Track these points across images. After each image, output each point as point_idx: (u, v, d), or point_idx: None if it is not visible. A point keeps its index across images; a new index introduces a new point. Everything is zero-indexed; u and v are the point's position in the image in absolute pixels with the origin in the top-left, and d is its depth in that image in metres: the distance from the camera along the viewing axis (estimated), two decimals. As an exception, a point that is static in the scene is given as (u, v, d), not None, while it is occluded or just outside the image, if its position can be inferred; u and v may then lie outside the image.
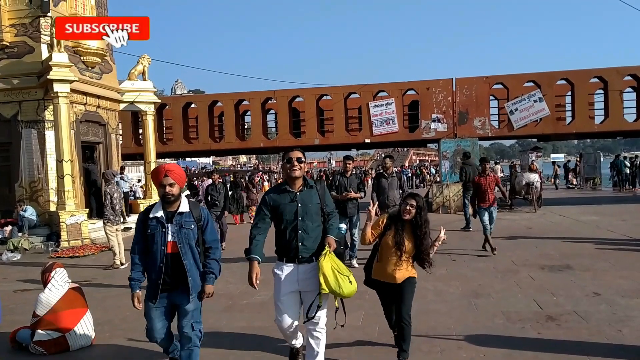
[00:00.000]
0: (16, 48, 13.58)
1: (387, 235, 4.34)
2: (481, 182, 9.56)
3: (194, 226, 3.80)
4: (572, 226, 12.87)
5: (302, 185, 3.91)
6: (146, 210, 3.87)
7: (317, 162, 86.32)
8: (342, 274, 3.74)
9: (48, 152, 13.60)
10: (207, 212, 3.95)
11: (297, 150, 3.92)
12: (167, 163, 4.18)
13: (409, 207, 4.27)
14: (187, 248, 3.74)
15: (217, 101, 21.16)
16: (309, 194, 3.91)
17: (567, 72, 19.03)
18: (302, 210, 3.83)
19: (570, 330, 5.14)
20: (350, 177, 8.75)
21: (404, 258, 4.31)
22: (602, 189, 26.92)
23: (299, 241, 3.81)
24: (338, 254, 3.92)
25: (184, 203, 3.84)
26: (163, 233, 3.72)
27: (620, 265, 8.08)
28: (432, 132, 18.98)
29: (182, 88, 74.13)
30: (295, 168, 3.82)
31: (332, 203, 4.08)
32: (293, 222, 3.83)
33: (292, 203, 3.84)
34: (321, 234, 3.91)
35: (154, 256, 3.73)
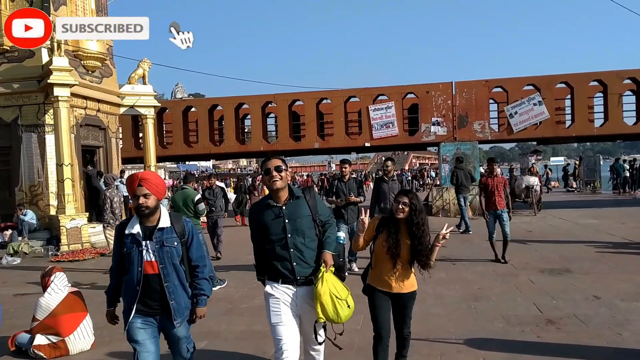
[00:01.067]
0: (16, 52, 13.61)
1: (380, 239, 3.88)
2: (488, 183, 8.99)
3: (177, 243, 3.35)
4: (572, 229, 12.87)
5: (288, 197, 3.47)
6: (121, 225, 3.43)
7: (317, 166, 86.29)
8: (339, 299, 3.39)
9: (48, 156, 13.62)
10: (191, 226, 3.48)
11: (275, 158, 3.45)
12: (143, 171, 3.69)
13: (402, 206, 3.79)
14: (171, 268, 3.30)
15: (217, 105, 21.18)
16: (297, 206, 3.45)
17: (566, 76, 19.05)
18: (291, 227, 3.39)
19: (570, 334, 5.14)
20: (349, 182, 8.37)
21: (400, 264, 3.85)
22: (601, 192, 26.92)
23: (292, 261, 3.38)
24: (337, 268, 3.61)
25: (164, 217, 3.37)
26: (139, 252, 3.27)
27: (620, 268, 8.08)
28: (432, 135, 18.99)
29: (182, 92, 74.29)
30: (275, 179, 3.36)
31: (326, 211, 3.62)
32: (282, 241, 3.39)
33: (278, 219, 3.40)
34: (317, 249, 3.51)
35: (130, 278, 3.29)
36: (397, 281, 3.86)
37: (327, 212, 3.64)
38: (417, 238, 3.79)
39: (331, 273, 3.43)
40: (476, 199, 17.19)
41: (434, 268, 3.99)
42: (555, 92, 19.05)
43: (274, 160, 3.43)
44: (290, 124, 20.16)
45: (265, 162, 3.46)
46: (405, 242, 3.81)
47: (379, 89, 19.96)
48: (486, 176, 9.21)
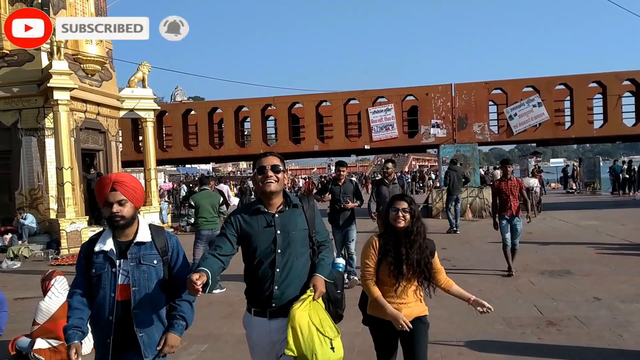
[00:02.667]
0: (16, 56, 13.62)
1: (384, 261, 3.24)
2: (502, 187, 8.15)
3: (157, 261, 2.72)
4: (572, 231, 12.87)
5: (283, 203, 2.84)
6: (90, 242, 2.79)
7: (316, 168, 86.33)
8: (323, 335, 2.61)
9: (48, 160, 13.62)
10: (175, 241, 2.85)
11: (272, 155, 2.87)
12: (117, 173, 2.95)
13: (401, 213, 3.20)
14: (145, 292, 2.67)
15: (217, 108, 21.21)
16: (292, 215, 2.83)
17: (565, 77, 19.10)
18: (282, 239, 2.75)
19: (571, 336, 5.14)
20: (345, 185, 7.83)
21: (408, 285, 3.22)
22: (601, 194, 26.93)
23: (273, 284, 2.72)
24: (333, 301, 2.89)
25: (143, 229, 2.75)
26: (112, 274, 2.65)
27: (621, 270, 8.08)
28: (432, 137, 19.01)
29: (182, 95, 74.29)
30: (270, 180, 2.76)
31: (324, 229, 2.98)
32: (270, 257, 2.74)
33: (269, 229, 2.77)
34: (308, 274, 2.83)
35: (101, 306, 2.64)
36: (408, 307, 3.22)
37: (326, 232, 3.00)
38: (419, 248, 3.22)
39: (321, 305, 2.72)
40: (476, 200, 17.27)
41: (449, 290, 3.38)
42: (555, 93, 19.08)
43: (270, 157, 2.85)
44: (289, 127, 20.19)
45: (260, 158, 2.85)
46: (409, 257, 3.23)
47: (379, 91, 20.00)
48: (499, 180, 8.45)
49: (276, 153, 2.95)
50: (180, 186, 29.65)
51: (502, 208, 8.11)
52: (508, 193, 8.06)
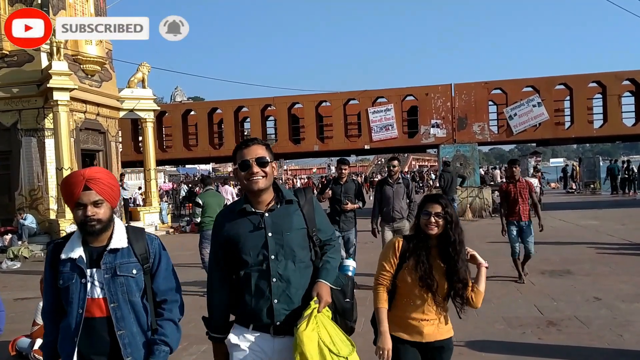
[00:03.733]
0: (16, 57, 13.62)
1: (405, 267, 2.76)
2: (510, 189, 7.55)
3: (137, 271, 2.30)
4: (572, 231, 12.86)
5: (274, 199, 2.40)
6: (56, 247, 2.37)
7: (316, 169, 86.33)
8: (337, 355, 2.20)
9: (48, 160, 13.62)
10: (158, 245, 2.42)
11: (255, 144, 2.38)
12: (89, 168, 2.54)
13: (434, 218, 2.71)
14: (127, 308, 2.26)
15: (217, 108, 21.22)
16: (285, 213, 2.37)
17: (565, 77, 19.11)
18: (275, 243, 2.31)
19: (571, 335, 5.13)
20: (346, 184, 7.34)
21: (435, 300, 2.75)
22: (601, 193, 26.93)
23: (273, 297, 2.29)
24: (341, 312, 2.43)
25: (119, 233, 2.33)
26: (82, 286, 2.23)
27: (621, 269, 8.08)
28: (432, 137, 19.02)
29: (182, 95, 74.25)
30: (255, 176, 2.31)
31: (328, 225, 2.55)
32: (261, 265, 2.31)
33: (257, 232, 2.32)
34: (310, 279, 2.40)
35: (67, 324, 2.23)
36: (431, 325, 2.76)
37: (330, 228, 2.56)
38: (453, 260, 2.72)
39: (327, 316, 2.30)
40: (476, 200, 17.27)
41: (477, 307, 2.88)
42: (555, 93, 19.10)
43: (253, 147, 2.36)
44: (289, 127, 20.20)
45: (241, 150, 2.37)
46: (440, 267, 2.75)
47: (378, 91, 20.01)
48: (507, 182, 7.84)
49: (260, 140, 2.46)
50: (180, 186, 29.64)
51: (510, 212, 7.55)
52: (517, 196, 7.48)
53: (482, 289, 2.79)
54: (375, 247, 9.24)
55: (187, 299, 2.40)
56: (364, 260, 9.07)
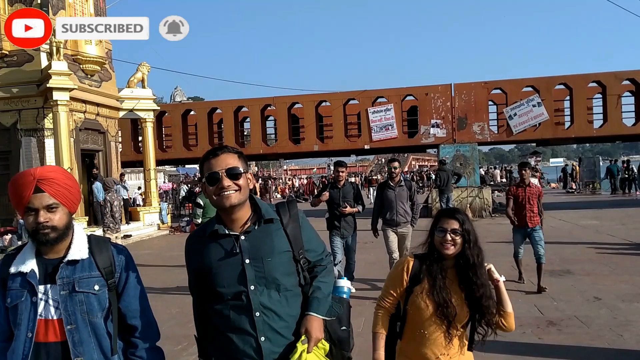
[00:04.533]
0: (15, 57, 13.62)
1: (418, 292, 2.41)
2: (518, 194, 7.20)
3: (99, 286, 1.96)
4: (572, 230, 12.86)
5: (251, 218, 2.03)
6: (6, 260, 2.00)
7: (316, 168, 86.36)
8: None
9: (48, 160, 13.61)
10: (125, 256, 2.07)
11: (225, 153, 2.00)
12: (42, 166, 2.09)
13: (450, 235, 2.38)
14: (86, 331, 1.91)
15: (216, 108, 21.22)
16: (266, 234, 2.01)
17: (565, 77, 19.10)
18: (255, 272, 1.95)
19: (571, 335, 5.13)
20: (344, 188, 7.03)
21: (454, 331, 2.39)
22: (601, 193, 26.94)
23: (259, 334, 1.93)
24: (337, 342, 2.08)
25: (78, 242, 1.99)
26: (32, 305, 1.89)
27: (621, 269, 8.08)
28: (431, 137, 19.02)
29: (182, 95, 74.16)
30: (226, 191, 1.95)
31: (318, 243, 2.16)
32: (239, 298, 1.95)
33: (232, 259, 1.96)
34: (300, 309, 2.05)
35: (14, 349, 1.89)
36: (445, 357, 2.40)
37: (320, 245, 2.17)
38: (475, 285, 2.36)
39: (320, 354, 1.98)
40: (476, 200, 17.27)
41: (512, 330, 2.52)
42: (554, 93, 19.10)
43: (223, 156, 1.99)
44: (289, 127, 20.19)
45: (208, 160, 2.00)
46: (458, 292, 2.40)
47: (378, 91, 20.01)
48: (516, 185, 7.45)
49: (231, 147, 2.06)
50: (180, 186, 29.63)
51: (517, 218, 7.24)
52: (525, 202, 7.12)
53: (509, 309, 2.43)
54: (375, 247, 9.22)
55: (187, 299, 2.36)
56: (364, 260, 9.09)
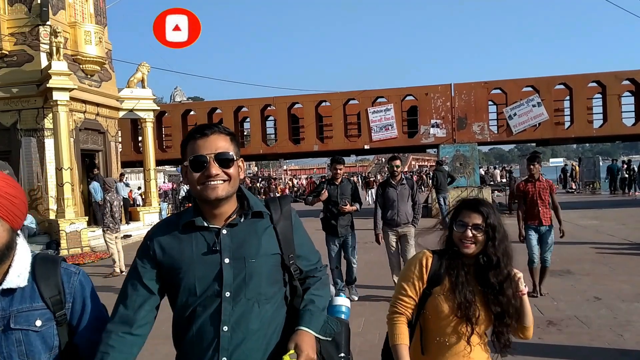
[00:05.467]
0: (15, 57, 13.62)
1: (438, 293, 2.11)
2: (528, 189, 6.73)
3: (43, 321, 1.57)
4: (572, 230, 12.84)
5: (237, 210, 1.73)
6: None
7: (316, 169, 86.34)
8: None
9: (47, 160, 13.61)
10: (81, 281, 1.66)
11: (216, 133, 1.68)
12: None
13: (471, 232, 2.08)
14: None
15: (216, 108, 21.22)
16: (252, 231, 1.70)
17: (565, 77, 19.10)
18: (234, 273, 1.63)
19: (571, 335, 5.13)
20: (342, 185, 6.83)
21: (476, 337, 2.12)
22: (601, 193, 26.93)
23: (221, 353, 1.60)
24: None
25: (19, 265, 1.58)
26: None
27: (621, 269, 8.07)
28: (431, 137, 19.02)
29: (182, 95, 74.17)
30: (214, 180, 1.64)
31: (312, 250, 1.86)
32: (209, 304, 1.63)
33: (210, 256, 1.64)
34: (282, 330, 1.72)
35: None
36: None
37: (314, 254, 1.87)
38: (499, 287, 2.10)
39: None
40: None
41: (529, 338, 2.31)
42: (554, 93, 19.10)
43: (213, 137, 1.66)
44: (289, 127, 20.19)
45: (194, 139, 1.67)
46: (479, 292, 2.12)
47: (378, 91, 20.01)
48: (525, 181, 6.98)
49: (223, 127, 1.73)
50: (180, 186, 29.63)
51: (529, 215, 6.74)
52: (536, 197, 6.67)
53: (529, 323, 2.24)
54: (375, 247, 9.22)
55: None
56: (364, 260, 9.08)
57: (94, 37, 14.66)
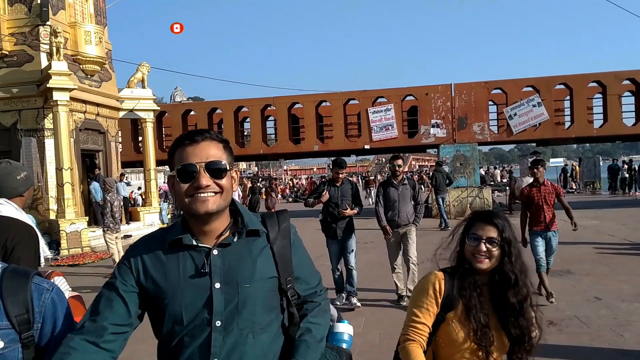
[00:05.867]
0: (15, 57, 13.62)
1: (452, 319, 1.95)
2: (533, 194, 6.46)
3: (6, 342, 1.38)
4: (572, 231, 12.84)
5: (230, 227, 1.57)
6: None
7: (316, 168, 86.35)
8: None
9: (48, 161, 13.61)
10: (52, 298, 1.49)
11: (208, 139, 1.55)
12: None
13: (485, 246, 1.94)
14: None
15: (216, 108, 21.23)
16: (247, 252, 1.54)
17: (565, 77, 19.10)
18: (226, 299, 1.47)
19: (572, 335, 5.13)
20: (343, 187, 6.61)
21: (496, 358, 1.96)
22: (601, 193, 26.92)
23: None
24: None
25: None
26: None
27: (621, 269, 8.08)
28: (431, 137, 19.02)
29: (182, 95, 74.19)
30: (204, 192, 1.48)
31: (310, 270, 1.69)
32: (197, 334, 1.46)
33: (198, 280, 1.48)
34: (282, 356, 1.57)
35: None
36: None
37: (314, 276, 1.69)
38: (515, 309, 1.95)
39: None
40: (476, 200, 17.26)
41: None
42: (555, 93, 19.10)
43: (204, 145, 1.52)
44: (289, 127, 20.20)
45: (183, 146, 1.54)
46: (493, 315, 1.97)
47: (378, 91, 20.01)
48: (530, 185, 6.66)
49: (214, 133, 1.59)
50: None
51: (534, 221, 6.50)
52: (541, 202, 6.43)
53: None
54: (376, 247, 9.22)
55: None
56: (364, 260, 9.08)
57: (94, 37, 14.66)
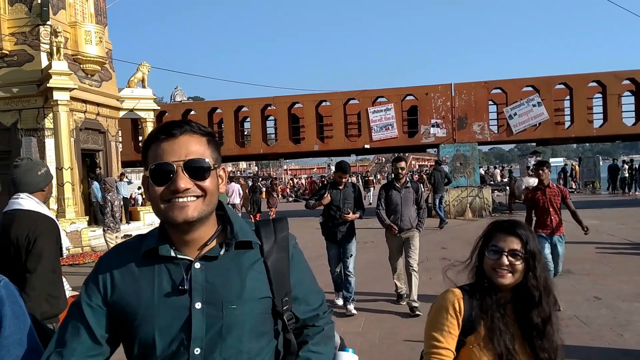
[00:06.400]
0: (16, 56, 13.61)
1: (473, 343, 1.77)
2: (538, 197, 6.24)
3: None
4: (573, 230, 12.72)
5: (217, 235, 1.32)
6: None
7: (316, 168, 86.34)
8: None
9: (48, 160, 13.59)
10: (3, 295, 1.25)
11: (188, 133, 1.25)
12: None
13: (507, 259, 1.77)
14: None
15: (217, 108, 21.23)
16: (235, 267, 1.28)
17: (565, 77, 19.10)
18: (206, 324, 1.22)
19: (572, 335, 5.12)
20: (345, 190, 6.40)
21: None
22: (601, 193, 26.93)
23: None
24: None
25: None
26: None
27: (621, 269, 8.08)
28: (431, 137, 19.02)
29: (182, 95, 74.14)
30: (183, 197, 1.22)
31: (312, 288, 1.44)
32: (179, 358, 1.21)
33: (175, 299, 1.22)
34: None
35: None
36: None
37: (317, 295, 1.45)
38: (540, 330, 1.82)
39: None
40: (476, 200, 17.27)
41: None
42: (555, 93, 19.10)
43: (183, 139, 1.24)
44: (289, 127, 20.20)
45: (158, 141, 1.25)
46: (518, 335, 1.81)
47: (378, 91, 20.01)
48: (535, 188, 6.46)
49: (197, 125, 1.29)
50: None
51: (541, 225, 6.29)
52: (547, 205, 6.21)
53: None
54: (376, 247, 9.23)
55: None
56: (364, 260, 9.09)
57: (94, 37, 14.65)
